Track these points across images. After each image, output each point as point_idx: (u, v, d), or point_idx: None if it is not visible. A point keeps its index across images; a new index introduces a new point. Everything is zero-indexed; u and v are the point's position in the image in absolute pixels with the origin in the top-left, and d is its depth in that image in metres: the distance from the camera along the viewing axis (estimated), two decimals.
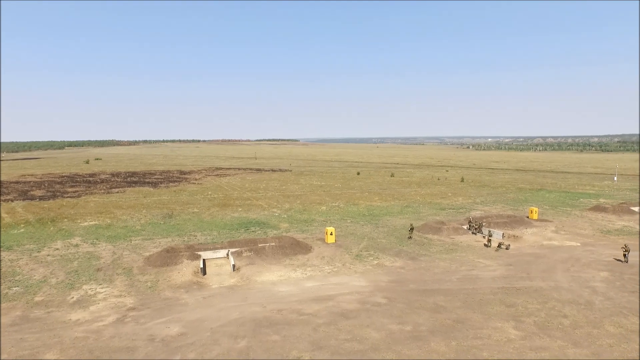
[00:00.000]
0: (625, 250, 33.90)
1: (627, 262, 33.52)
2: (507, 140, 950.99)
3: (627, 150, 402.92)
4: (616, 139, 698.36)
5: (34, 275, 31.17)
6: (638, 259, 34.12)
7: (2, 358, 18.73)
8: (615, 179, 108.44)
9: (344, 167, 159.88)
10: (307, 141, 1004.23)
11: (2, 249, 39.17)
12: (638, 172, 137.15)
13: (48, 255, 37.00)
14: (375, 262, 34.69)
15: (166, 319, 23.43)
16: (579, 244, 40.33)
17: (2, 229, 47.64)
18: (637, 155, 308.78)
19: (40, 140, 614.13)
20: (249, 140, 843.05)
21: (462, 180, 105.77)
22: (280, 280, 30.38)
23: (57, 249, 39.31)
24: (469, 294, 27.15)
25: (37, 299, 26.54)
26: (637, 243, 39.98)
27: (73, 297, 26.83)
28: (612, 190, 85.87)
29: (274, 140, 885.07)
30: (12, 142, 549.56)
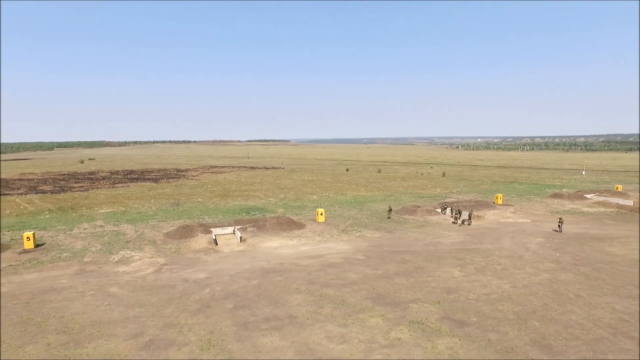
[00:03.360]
0: (560, 222, 41.60)
1: (561, 231, 41.16)
2: (496, 140, 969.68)
3: (611, 149, 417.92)
4: (601, 139, 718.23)
5: (76, 246, 37.60)
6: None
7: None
8: (584, 173, 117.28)
9: (334, 165, 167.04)
10: (297, 142, 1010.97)
11: (37, 229, 45.34)
12: (605, 168, 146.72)
13: (80, 233, 43.35)
14: (358, 234, 41.81)
15: (193, 270, 30.23)
16: (529, 221, 47.98)
17: (28, 216, 53.64)
18: (617, 154, 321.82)
19: (27, 141, 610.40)
20: (239, 141, 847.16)
21: (444, 174, 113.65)
22: (280, 246, 37.32)
23: (85, 228, 45.65)
24: (430, 253, 34.39)
25: (86, 259, 33.09)
26: (573, 219, 47.96)
27: (114, 259, 33.42)
28: (578, 183, 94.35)
29: (264, 140, 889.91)
30: None
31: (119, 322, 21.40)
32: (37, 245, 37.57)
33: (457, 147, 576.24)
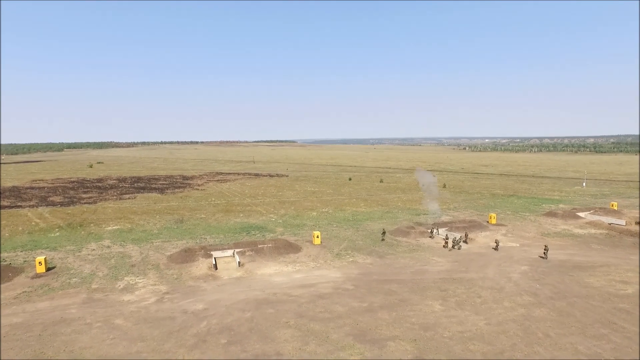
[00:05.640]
0: (545, 249, 43.26)
1: (546, 258, 42.79)
2: (504, 141, 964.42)
3: (620, 151, 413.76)
4: (611, 140, 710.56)
5: (84, 270, 40.10)
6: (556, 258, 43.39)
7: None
8: (584, 184, 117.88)
9: (337, 172, 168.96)
10: (304, 142, 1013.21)
11: (47, 249, 48.03)
12: (608, 177, 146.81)
13: (88, 254, 45.90)
14: (351, 259, 43.83)
15: (192, 300, 32.48)
16: (518, 245, 49.60)
17: (40, 234, 56.44)
18: (625, 157, 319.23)
19: (38, 142, 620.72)
20: (246, 142, 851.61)
21: (444, 186, 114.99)
22: (275, 273, 39.48)
23: (93, 249, 48.20)
24: (416, 282, 36.28)
25: (94, 286, 35.53)
26: (561, 243, 49.56)
27: (120, 285, 35.80)
28: (576, 196, 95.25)
29: (271, 141, 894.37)
30: (11, 144, 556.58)
31: (122, 358, 23.65)
32: (48, 269, 40.14)
33: (464, 149, 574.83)
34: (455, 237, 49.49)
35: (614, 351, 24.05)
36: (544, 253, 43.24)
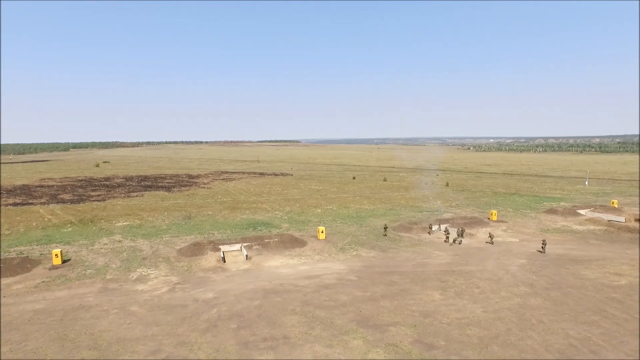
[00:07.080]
0: (543, 244, 44.51)
1: (544, 252, 44.04)
2: (508, 140, 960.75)
3: (627, 151, 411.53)
4: (617, 140, 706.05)
5: (98, 262, 41.82)
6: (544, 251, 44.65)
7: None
8: (587, 183, 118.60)
9: (341, 171, 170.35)
10: (308, 142, 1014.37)
11: (61, 244, 49.82)
12: (611, 176, 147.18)
13: (101, 248, 47.65)
14: (354, 253, 45.28)
15: (203, 289, 34.07)
16: (517, 240, 50.83)
17: (53, 229, 58.32)
18: (631, 156, 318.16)
19: (43, 142, 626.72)
20: (250, 142, 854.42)
21: (447, 185, 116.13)
22: (281, 265, 41.01)
23: (105, 243, 49.96)
24: (417, 274, 37.68)
25: (108, 277, 37.23)
26: (560, 238, 50.77)
27: (133, 276, 37.47)
28: (578, 194, 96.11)
29: (275, 141, 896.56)
30: (18, 144, 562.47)
31: (139, 340, 25.28)
32: (64, 261, 41.91)
33: (469, 149, 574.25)
34: (457, 229, 50.75)
35: (603, 335, 25.37)
36: (542, 247, 44.49)
